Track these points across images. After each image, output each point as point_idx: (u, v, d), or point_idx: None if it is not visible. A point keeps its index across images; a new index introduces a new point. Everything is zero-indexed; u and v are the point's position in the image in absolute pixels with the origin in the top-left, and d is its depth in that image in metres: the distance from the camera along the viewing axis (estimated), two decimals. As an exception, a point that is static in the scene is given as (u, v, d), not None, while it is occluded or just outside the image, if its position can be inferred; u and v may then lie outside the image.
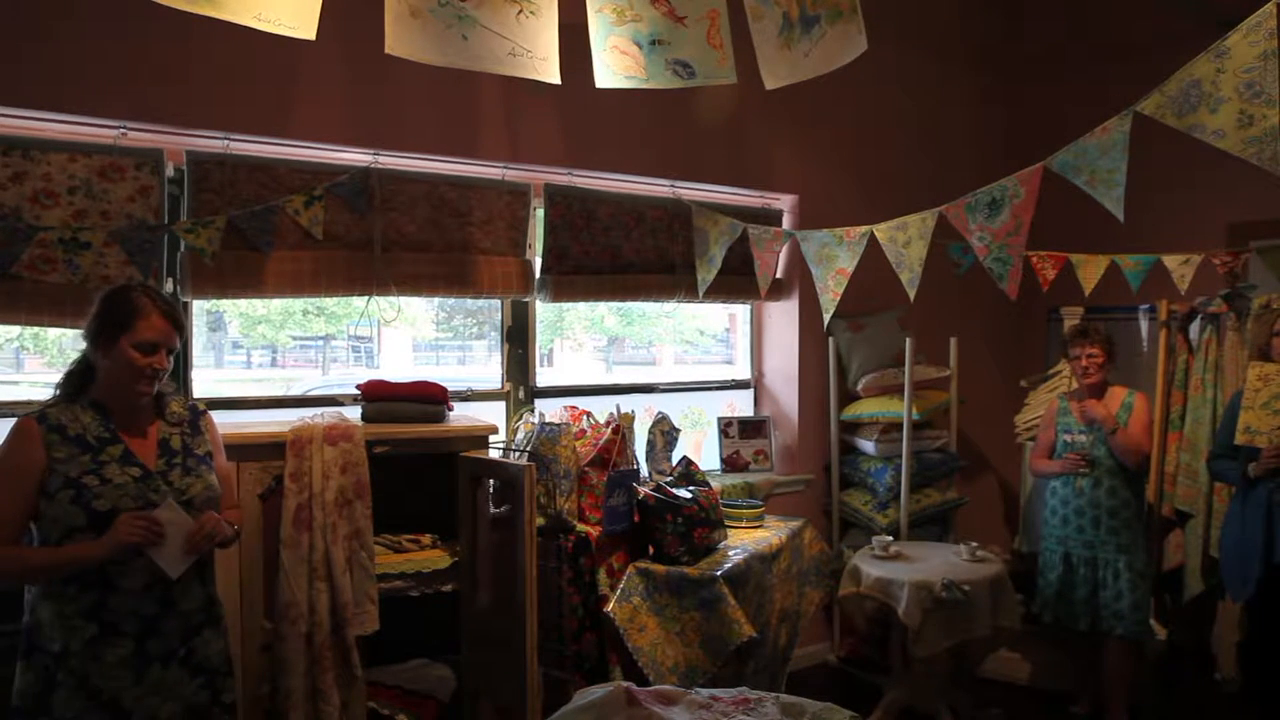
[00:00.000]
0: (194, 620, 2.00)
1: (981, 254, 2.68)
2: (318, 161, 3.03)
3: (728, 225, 3.66)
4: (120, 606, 1.90)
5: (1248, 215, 4.18)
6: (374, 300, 3.14)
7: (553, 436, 3.10)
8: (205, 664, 2.02)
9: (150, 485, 1.95)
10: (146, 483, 1.95)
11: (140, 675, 1.91)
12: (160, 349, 1.97)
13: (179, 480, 2.00)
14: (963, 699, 3.65)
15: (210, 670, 2.03)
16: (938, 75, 4.76)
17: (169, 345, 1.99)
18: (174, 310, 2.03)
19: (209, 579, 2.08)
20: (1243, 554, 3.11)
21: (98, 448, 1.94)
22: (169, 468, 2.01)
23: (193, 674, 1.99)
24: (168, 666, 1.95)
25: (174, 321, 2.01)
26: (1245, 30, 1.95)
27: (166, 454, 2.03)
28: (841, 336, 4.30)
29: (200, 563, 2.01)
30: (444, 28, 2.24)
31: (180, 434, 2.08)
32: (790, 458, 4.36)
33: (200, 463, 2.07)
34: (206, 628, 2.04)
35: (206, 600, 2.05)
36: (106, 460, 1.93)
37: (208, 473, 2.07)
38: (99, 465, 1.92)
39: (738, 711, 2.17)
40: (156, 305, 1.99)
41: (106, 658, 1.88)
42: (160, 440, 2.04)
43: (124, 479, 1.93)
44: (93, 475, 1.90)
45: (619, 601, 3.05)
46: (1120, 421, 3.55)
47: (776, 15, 2.51)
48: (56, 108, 2.58)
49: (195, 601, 2.01)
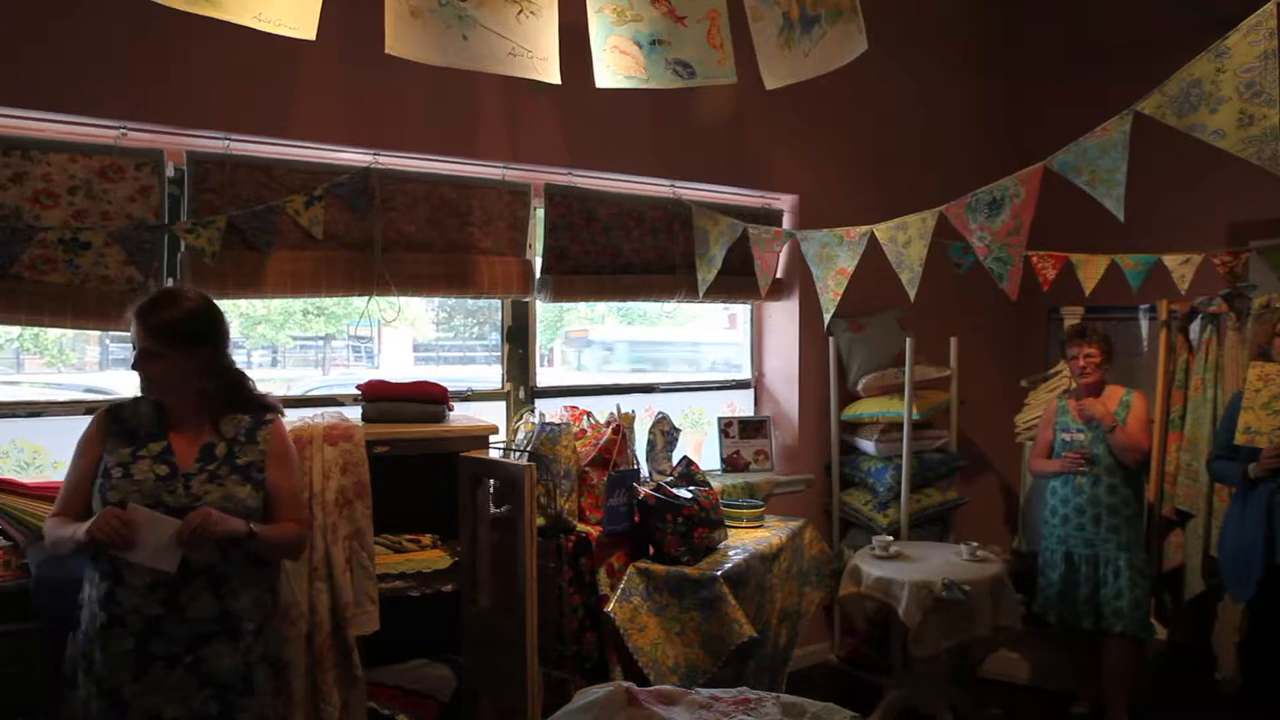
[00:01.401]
0: (203, 630, 1.96)
1: (982, 254, 2.68)
2: (318, 161, 3.03)
3: (728, 225, 3.66)
4: (126, 601, 1.91)
5: (1248, 215, 4.18)
6: (374, 300, 3.14)
7: (553, 436, 3.10)
8: (215, 676, 1.97)
9: (169, 486, 1.97)
10: (167, 483, 1.97)
11: (140, 672, 1.91)
12: (138, 351, 1.99)
13: (199, 486, 1.99)
14: (963, 699, 3.65)
15: (221, 684, 1.98)
16: (938, 75, 4.76)
17: (143, 346, 1.98)
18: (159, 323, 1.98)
19: (229, 593, 2.00)
20: (1243, 554, 3.11)
21: (142, 441, 2.02)
22: (199, 472, 2.01)
23: (200, 683, 1.96)
24: (173, 670, 1.93)
25: (150, 328, 1.97)
26: (1245, 30, 1.95)
27: (205, 459, 2.04)
28: (841, 336, 4.30)
29: (216, 575, 1.98)
30: (444, 28, 2.24)
31: (229, 442, 2.07)
32: (790, 458, 4.36)
33: (234, 472, 2.04)
34: (218, 640, 1.98)
35: (220, 613, 1.99)
36: (144, 455, 1.99)
37: (238, 484, 2.03)
38: (134, 459, 1.98)
39: (738, 711, 2.17)
40: (138, 315, 1.99)
41: (110, 649, 1.91)
42: (206, 445, 2.06)
43: (146, 475, 1.96)
44: (121, 467, 1.97)
45: (619, 601, 3.05)
46: (1119, 419, 3.56)
47: (776, 15, 2.51)
48: (56, 108, 2.57)
49: (205, 611, 1.97)
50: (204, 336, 2.04)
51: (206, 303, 2.09)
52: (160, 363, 1.99)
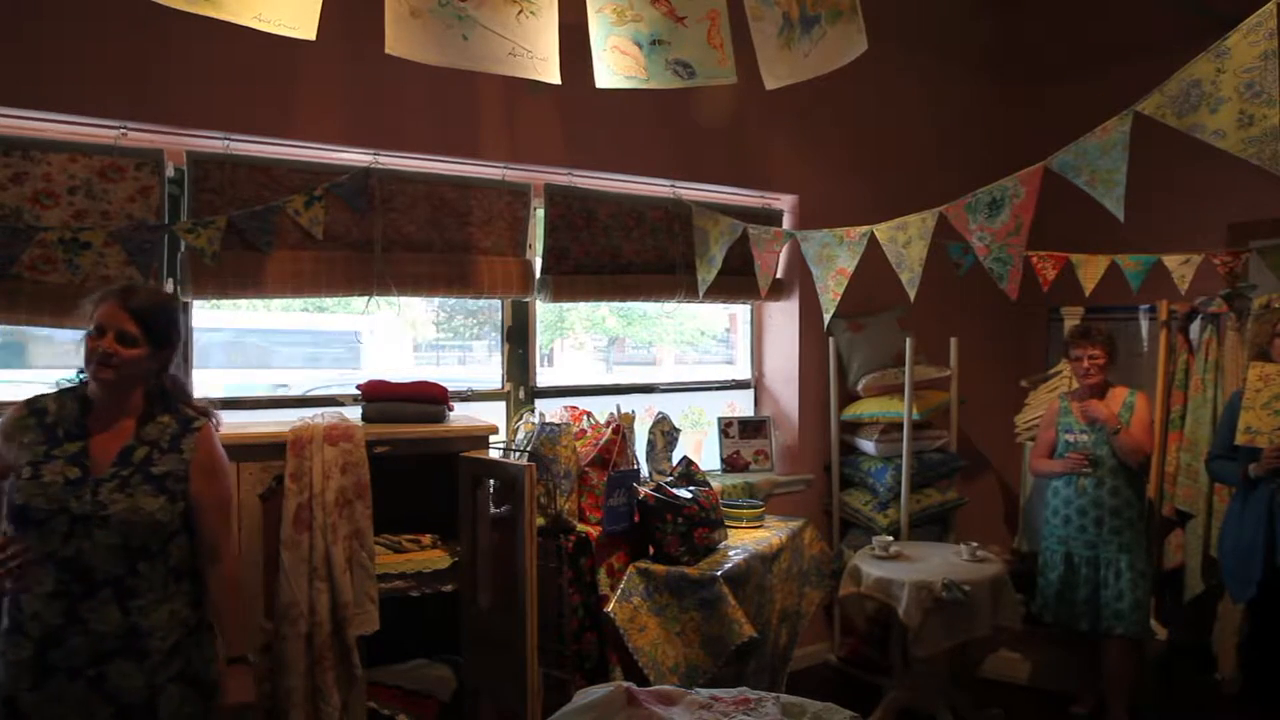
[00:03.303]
0: (106, 646, 1.84)
1: (982, 254, 2.68)
2: (318, 161, 3.03)
3: (728, 225, 3.66)
4: (27, 607, 1.83)
5: (1248, 215, 4.18)
6: (374, 300, 3.14)
7: (553, 436, 3.10)
8: (118, 695, 1.85)
9: (76, 491, 1.85)
10: (75, 487, 1.85)
11: (39, 682, 1.82)
12: (107, 332, 1.88)
13: (107, 494, 1.86)
14: (963, 699, 3.65)
15: (125, 704, 1.86)
16: (938, 75, 4.76)
17: (117, 328, 1.88)
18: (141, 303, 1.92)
19: (137, 609, 1.87)
20: (1244, 554, 3.11)
21: (59, 440, 1.90)
22: (111, 478, 1.89)
23: (104, 700, 1.84)
24: (74, 682, 1.83)
25: (130, 309, 1.90)
26: (1245, 30, 1.95)
27: (121, 463, 1.91)
28: (841, 336, 4.30)
29: (123, 588, 1.86)
30: (444, 28, 2.24)
31: (150, 446, 1.95)
32: (790, 458, 4.36)
33: (146, 481, 1.91)
34: (121, 657, 1.85)
35: (126, 629, 1.86)
36: (58, 455, 1.87)
37: (149, 495, 1.89)
38: (47, 459, 1.87)
39: (738, 711, 2.17)
40: (116, 296, 1.91)
41: (9, 655, 1.83)
42: (125, 448, 1.93)
43: (55, 478, 1.85)
44: (31, 466, 1.85)
45: (619, 601, 3.05)
46: (1123, 421, 3.55)
47: (776, 15, 2.51)
48: (56, 108, 2.58)
49: (109, 626, 1.84)
50: (175, 332, 1.99)
51: (177, 300, 2.06)
52: (133, 350, 1.90)
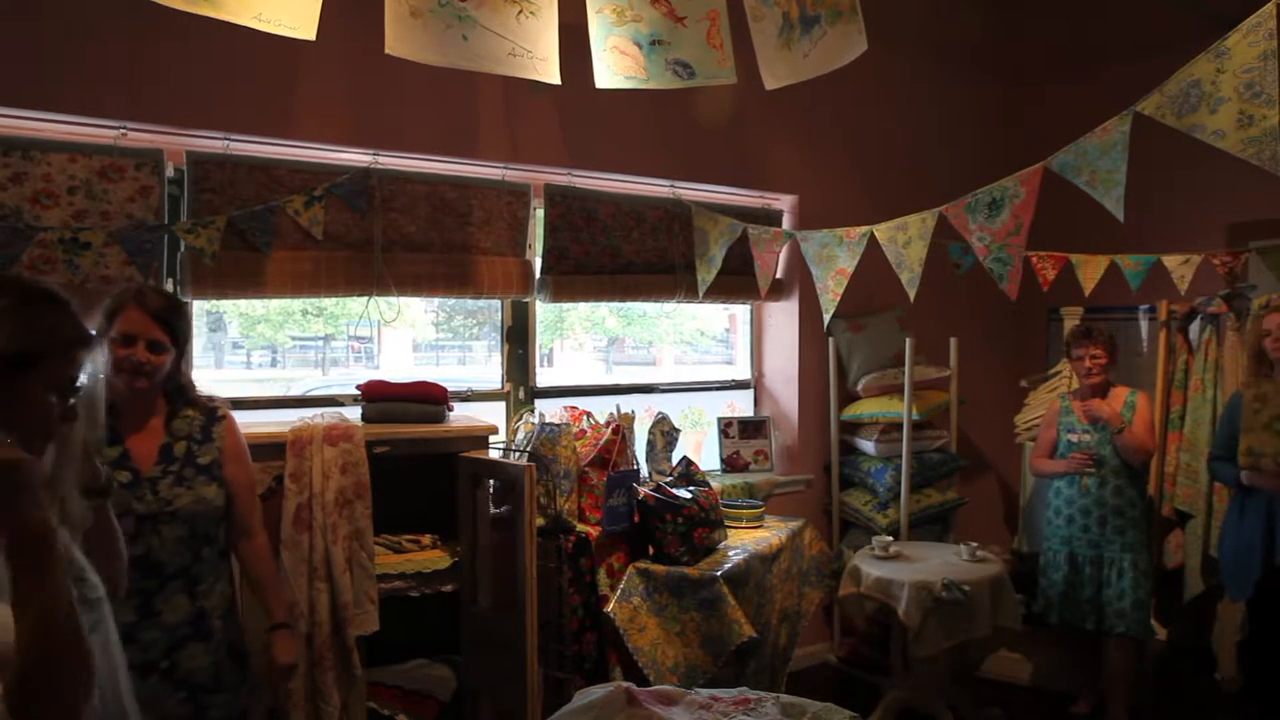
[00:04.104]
0: (179, 633, 1.95)
1: (981, 254, 2.68)
2: (318, 161, 3.03)
3: (728, 225, 3.66)
4: None
5: (1248, 215, 4.18)
6: (374, 300, 3.14)
7: (553, 437, 3.10)
8: (190, 678, 1.96)
9: (136, 492, 1.93)
10: (133, 489, 1.93)
11: None
12: (138, 340, 1.93)
13: (167, 490, 1.97)
14: (963, 699, 3.65)
15: (194, 685, 1.96)
16: (938, 75, 4.76)
17: (147, 337, 1.94)
18: (161, 306, 1.98)
19: (202, 593, 2.00)
20: (1243, 554, 3.11)
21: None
22: (163, 475, 1.98)
23: (174, 687, 1.93)
24: (145, 679, 1.88)
25: (154, 315, 1.95)
26: (1245, 30, 1.95)
27: (166, 460, 2.01)
28: (841, 336, 4.30)
29: (191, 576, 1.97)
30: (444, 28, 2.25)
31: (187, 441, 2.05)
32: (790, 458, 4.36)
33: (199, 473, 2.03)
34: (193, 641, 1.97)
35: (195, 614, 1.98)
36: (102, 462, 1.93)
37: (204, 484, 2.02)
38: None
39: (738, 711, 2.16)
40: (137, 301, 1.96)
41: None
42: (163, 445, 2.02)
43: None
44: None
45: (619, 602, 3.05)
46: (1125, 420, 3.55)
47: (776, 15, 2.51)
48: (56, 108, 2.57)
49: (180, 614, 1.95)
50: (190, 330, 2.08)
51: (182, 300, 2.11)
52: (163, 355, 1.96)
